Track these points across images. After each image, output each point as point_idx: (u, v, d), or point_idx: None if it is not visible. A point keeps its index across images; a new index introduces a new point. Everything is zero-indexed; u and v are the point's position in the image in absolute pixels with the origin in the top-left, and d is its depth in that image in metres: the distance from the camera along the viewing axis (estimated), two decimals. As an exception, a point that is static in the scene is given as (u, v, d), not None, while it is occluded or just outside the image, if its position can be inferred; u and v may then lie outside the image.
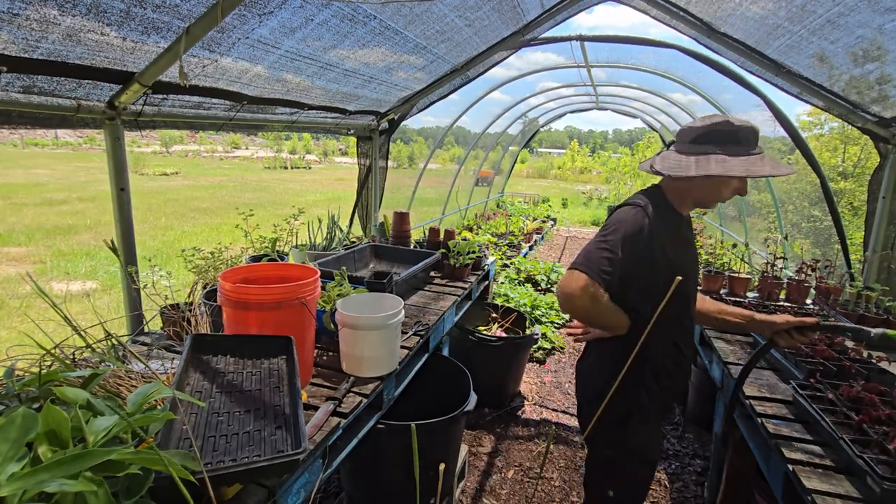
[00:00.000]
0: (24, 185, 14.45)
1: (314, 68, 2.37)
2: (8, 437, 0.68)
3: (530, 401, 3.58)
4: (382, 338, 1.68)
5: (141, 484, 0.78)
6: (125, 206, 2.01)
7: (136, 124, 2.01)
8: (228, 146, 41.37)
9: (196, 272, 2.19)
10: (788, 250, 4.88)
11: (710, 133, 1.43)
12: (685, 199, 1.55)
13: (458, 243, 3.07)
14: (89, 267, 6.97)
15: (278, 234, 2.74)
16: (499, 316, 3.82)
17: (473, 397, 2.21)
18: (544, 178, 31.82)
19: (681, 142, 1.51)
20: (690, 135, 1.47)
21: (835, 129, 8.78)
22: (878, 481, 1.22)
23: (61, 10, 1.33)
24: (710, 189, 1.49)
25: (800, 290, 2.83)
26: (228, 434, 1.12)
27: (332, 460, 1.46)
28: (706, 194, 1.51)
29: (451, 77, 3.37)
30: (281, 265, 1.79)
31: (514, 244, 7.65)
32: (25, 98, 1.59)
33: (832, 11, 2.00)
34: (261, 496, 1.13)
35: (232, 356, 1.42)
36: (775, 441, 1.53)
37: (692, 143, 1.46)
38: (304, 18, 1.90)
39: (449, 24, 2.54)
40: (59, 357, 1.23)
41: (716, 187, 1.48)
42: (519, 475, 2.76)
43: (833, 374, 1.81)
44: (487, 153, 9.46)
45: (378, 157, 3.86)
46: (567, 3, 2.92)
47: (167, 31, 1.60)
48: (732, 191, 1.49)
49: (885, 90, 2.40)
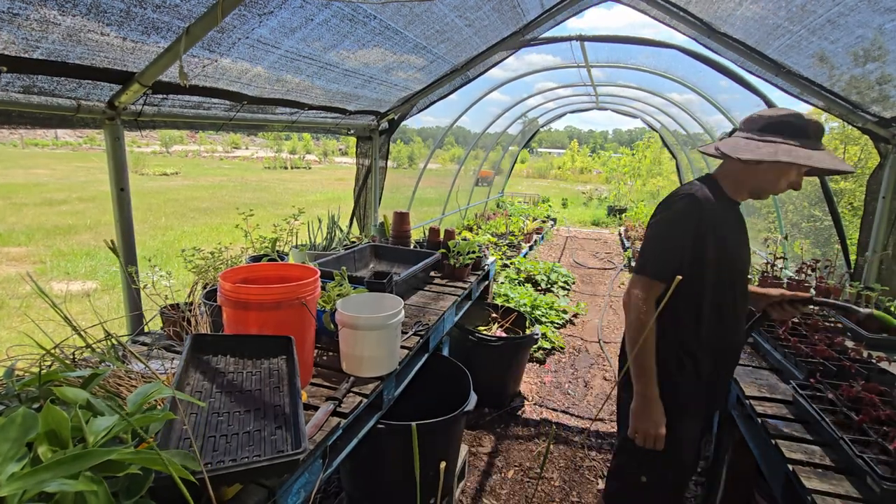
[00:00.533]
0: (24, 185, 14.45)
1: (314, 68, 2.37)
2: (8, 436, 0.68)
3: (530, 401, 3.58)
4: (382, 338, 1.68)
5: (141, 484, 0.78)
6: (125, 206, 2.01)
7: (136, 124, 2.01)
8: (228, 146, 41.36)
9: (196, 272, 2.19)
10: (788, 250, 4.88)
11: (780, 124, 1.45)
12: (743, 187, 1.57)
13: (458, 243, 3.07)
14: (89, 267, 6.97)
15: (278, 234, 2.74)
16: (499, 316, 3.82)
17: (473, 397, 2.21)
18: (544, 178, 31.81)
19: (748, 130, 1.52)
20: (759, 123, 1.49)
21: (835, 129, 8.77)
22: (878, 481, 1.22)
23: (61, 10, 1.33)
24: (770, 178, 1.51)
25: (799, 290, 2.83)
26: (228, 434, 1.12)
27: (332, 460, 1.46)
28: (765, 183, 1.53)
29: (451, 77, 3.37)
30: (281, 265, 1.79)
31: (514, 244, 7.65)
32: (25, 98, 1.59)
33: (832, 11, 2.00)
34: (261, 496, 1.13)
35: (232, 356, 1.42)
36: (775, 441, 1.53)
37: (760, 131, 1.48)
38: (304, 18, 1.90)
39: (449, 24, 2.54)
40: (59, 357, 1.23)
41: (776, 176, 1.50)
42: (519, 475, 2.76)
43: (833, 374, 1.81)
44: (487, 153, 9.46)
45: (378, 157, 3.86)
46: (567, 3, 2.92)
47: (167, 31, 1.60)
48: (789, 184, 1.51)
49: (885, 90, 2.40)
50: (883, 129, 2.69)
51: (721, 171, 1.60)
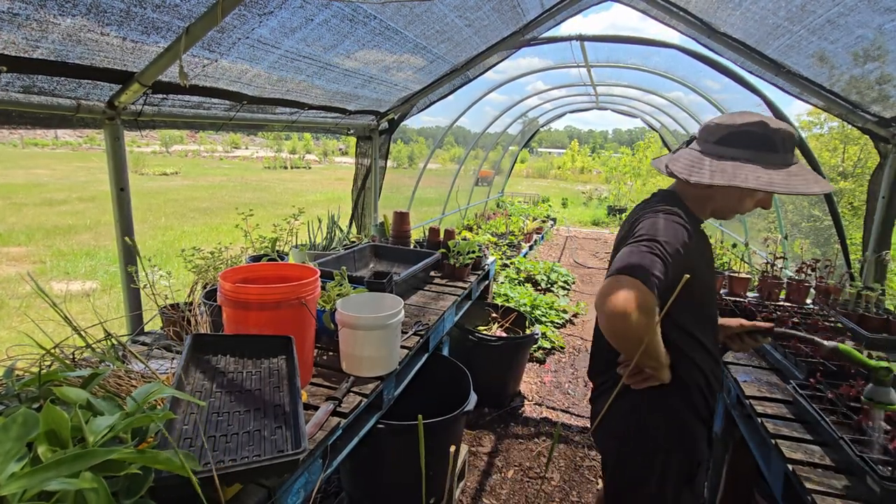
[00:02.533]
0: (24, 185, 14.45)
1: (314, 68, 2.37)
2: (9, 436, 0.68)
3: (530, 400, 3.58)
4: (382, 338, 1.68)
5: (141, 484, 0.78)
6: (125, 206, 2.01)
7: (136, 124, 2.01)
8: (228, 146, 41.34)
9: (196, 272, 2.19)
10: (788, 250, 4.88)
11: (741, 134, 1.22)
12: (704, 208, 1.36)
13: (458, 243, 3.07)
14: (89, 267, 6.97)
15: (278, 233, 2.74)
16: (499, 316, 3.82)
17: (473, 397, 2.21)
18: (544, 178, 31.81)
19: (704, 140, 1.29)
20: (717, 133, 1.26)
21: (834, 129, 8.77)
22: (878, 481, 1.22)
23: (61, 10, 1.33)
24: (732, 200, 1.31)
25: (800, 290, 2.83)
26: (228, 434, 1.12)
27: (332, 460, 1.46)
28: (726, 204, 1.33)
29: (451, 77, 3.36)
30: (281, 265, 1.79)
31: (514, 244, 7.65)
32: (25, 98, 1.59)
33: (832, 11, 2.00)
34: (261, 496, 1.13)
35: (232, 356, 1.42)
36: (775, 441, 1.53)
37: (718, 143, 1.25)
38: (304, 18, 1.90)
39: (449, 24, 2.54)
40: (59, 357, 1.23)
41: (738, 198, 1.30)
42: (519, 475, 2.76)
43: (833, 374, 1.81)
44: (487, 153, 9.46)
45: (378, 156, 3.86)
46: (567, 2, 2.92)
47: (167, 30, 1.60)
48: (756, 203, 1.32)
49: (885, 90, 2.40)
50: (883, 129, 2.69)
51: (680, 187, 1.37)
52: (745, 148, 1.22)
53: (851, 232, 5.64)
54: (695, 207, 1.35)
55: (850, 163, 8.43)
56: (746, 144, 1.22)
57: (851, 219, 7.00)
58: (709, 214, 1.39)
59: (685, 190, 1.36)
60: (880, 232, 2.86)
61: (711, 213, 1.39)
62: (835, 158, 8.62)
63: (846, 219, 6.97)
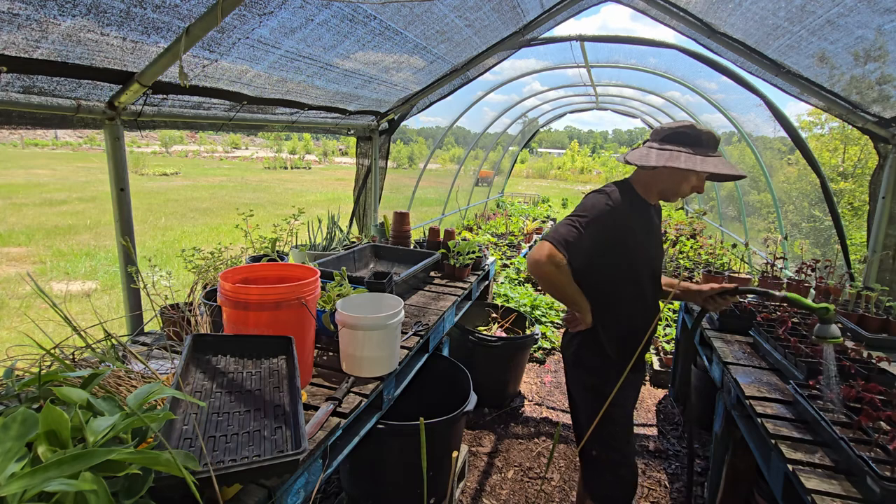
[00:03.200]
0: (24, 185, 14.44)
1: (314, 68, 2.37)
2: (9, 436, 0.68)
3: (530, 400, 3.58)
4: (382, 338, 1.68)
5: (141, 484, 0.78)
6: (125, 206, 2.01)
7: (136, 124, 2.01)
8: (228, 146, 41.33)
9: (196, 272, 2.19)
10: (788, 250, 4.88)
11: (676, 134, 1.66)
12: (651, 190, 1.77)
13: (458, 243, 3.07)
14: (89, 267, 6.97)
15: (278, 234, 2.74)
16: (499, 316, 3.82)
17: (473, 397, 2.21)
18: (544, 179, 31.81)
19: (652, 140, 1.73)
20: (661, 134, 1.70)
21: (835, 129, 8.77)
22: (878, 481, 1.22)
23: (61, 10, 1.33)
24: (671, 183, 1.71)
25: (799, 291, 2.83)
26: (228, 434, 1.12)
27: (332, 460, 1.46)
28: (670, 186, 1.73)
29: (450, 77, 3.37)
30: (281, 265, 1.79)
31: (514, 244, 7.65)
32: (25, 98, 1.59)
33: (832, 12, 2.00)
34: (261, 496, 1.13)
35: (232, 356, 1.42)
36: (775, 441, 1.53)
37: (661, 141, 1.69)
38: (304, 19, 1.90)
39: (449, 25, 2.54)
40: (59, 357, 1.23)
41: (678, 181, 1.70)
42: (519, 475, 2.76)
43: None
44: (487, 153, 9.46)
45: (378, 157, 3.86)
46: (567, 2, 2.92)
47: (167, 31, 1.60)
48: (691, 188, 1.72)
49: (885, 90, 2.40)
50: (883, 130, 2.69)
51: (634, 176, 1.80)
52: (680, 143, 1.65)
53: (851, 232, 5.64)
54: (643, 191, 1.77)
55: (850, 163, 8.43)
56: (682, 141, 1.65)
57: (852, 219, 7.01)
58: (656, 196, 1.79)
59: (638, 178, 1.78)
60: (880, 232, 2.86)
61: (658, 195, 1.78)
62: (835, 159, 8.62)
63: (846, 219, 6.97)
